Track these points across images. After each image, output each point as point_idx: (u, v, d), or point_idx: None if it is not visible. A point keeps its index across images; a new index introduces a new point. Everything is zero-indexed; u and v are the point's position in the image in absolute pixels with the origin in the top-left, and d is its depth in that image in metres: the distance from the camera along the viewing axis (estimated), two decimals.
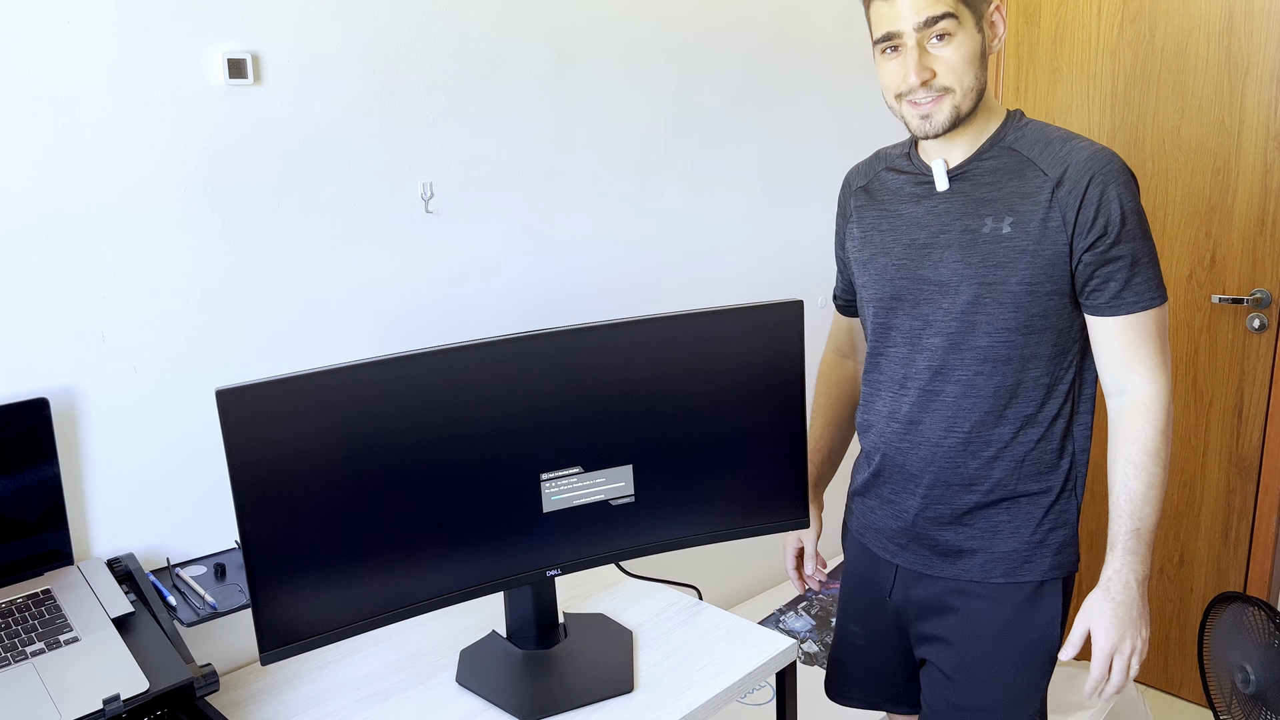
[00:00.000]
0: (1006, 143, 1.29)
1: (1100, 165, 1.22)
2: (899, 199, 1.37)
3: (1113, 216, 1.22)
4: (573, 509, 1.37)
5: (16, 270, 1.23)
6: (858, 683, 1.56)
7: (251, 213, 1.41)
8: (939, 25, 1.20)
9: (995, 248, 1.26)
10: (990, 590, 1.35)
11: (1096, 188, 1.22)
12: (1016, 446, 1.32)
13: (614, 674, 1.37)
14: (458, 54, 1.60)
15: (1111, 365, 1.27)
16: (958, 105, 1.24)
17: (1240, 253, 2.26)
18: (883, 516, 1.44)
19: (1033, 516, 1.33)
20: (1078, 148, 1.25)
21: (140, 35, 1.28)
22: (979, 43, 1.23)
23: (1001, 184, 1.27)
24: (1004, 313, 1.27)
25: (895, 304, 1.36)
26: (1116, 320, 1.25)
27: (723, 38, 2.02)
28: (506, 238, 1.72)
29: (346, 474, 1.22)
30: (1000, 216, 1.26)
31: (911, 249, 1.34)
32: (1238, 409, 2.32)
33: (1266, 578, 2.33)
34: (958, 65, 1.22)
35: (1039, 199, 1.25)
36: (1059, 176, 1.24)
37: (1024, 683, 1.36)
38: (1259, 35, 2.16)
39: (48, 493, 1.26)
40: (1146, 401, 1.26)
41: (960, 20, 1.21)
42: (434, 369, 1.25)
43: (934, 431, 1.34)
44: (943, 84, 1.23)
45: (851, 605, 1.54)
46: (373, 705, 1.33)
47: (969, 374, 1.31)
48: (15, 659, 1.13)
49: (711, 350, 1.39)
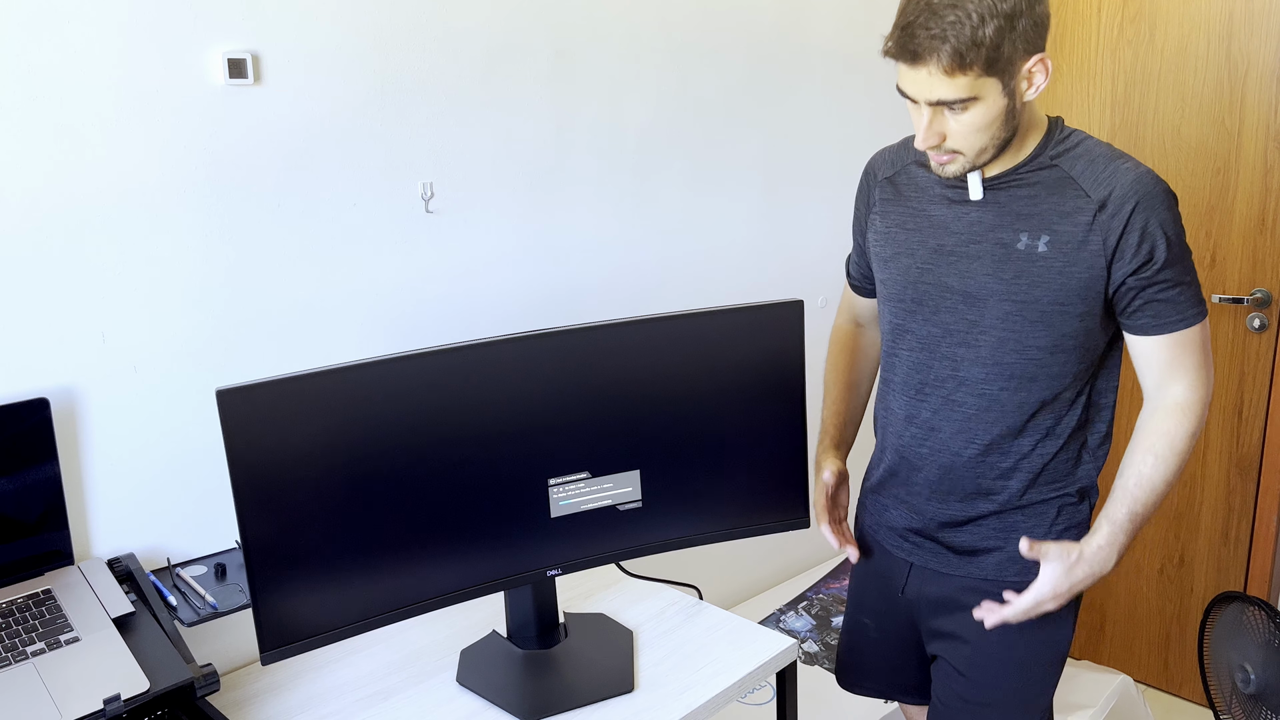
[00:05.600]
0: (1047, 157, 1.25)
1: (1145, 190, 1.19)
2: (927, 199, 1.33)
3: (1158, 244, 1.20)
4: (579, 514, 1.37)
5: (17, 270, 1.23)
6: (870, 673, 1.56)
7: (251, 213, 1.41)
8: (947, 104, 1.16)
9: (1030, 265, 1.24)
10: (1005, 588, 1.35)
11: (1141, 215, 1.19)
12: (1035, 458, 1.31)
13: (614, 674, 1.37)
14: (457, 54, 1.60)
15: (1153, 375, 1.27)
16: (969, 163, 1.22)
17: (1240, 253, 2.26)
18: (897, 515, 1.43)
19: (1047, 517, 1.34)
20: (1122, 169, 1.21)
21: (141, 35, 1.28)
22: (1004, 105, 1.17)
23: (1040, 200, 1.24)
24: (1035, 331, 1.25)
25: (916, 308, 1.34)
26: (1161, 339, 1.24)
27: (722, 37, 2.01)
28: (507, 237, 1.72)
29: (346, 474, 1.22)
30: (1036, 234, 1.24)
31: (938, 254, 1.31)
32: (1238, 409, 2.32)
33: (1266, 578, 2.33)
34: (970, 133, 1.18)
35: (1079, 220, 1.22)
36: (1102, 199, 1.20)
37: (1035, 680, 1.36)
38: (1259, 35, 2.16)
39: (48, 493, 1.26)
40: (1186, 405, 1.25)
41: (980, 98, 1.15)
42: (434, 369, 1.25)
43: (954, 441, 1.33)
44: (953, 147, 1.20)
45: (864, 599, 1.54)
46: (373, 705, 1.33)
47: (994, 389, 1.29)
48: (16, 659, 1.13)
49: (712, 350, 1.39)
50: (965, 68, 1.12)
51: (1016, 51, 1.13)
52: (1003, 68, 1.13)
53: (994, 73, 1.13)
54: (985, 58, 1.12)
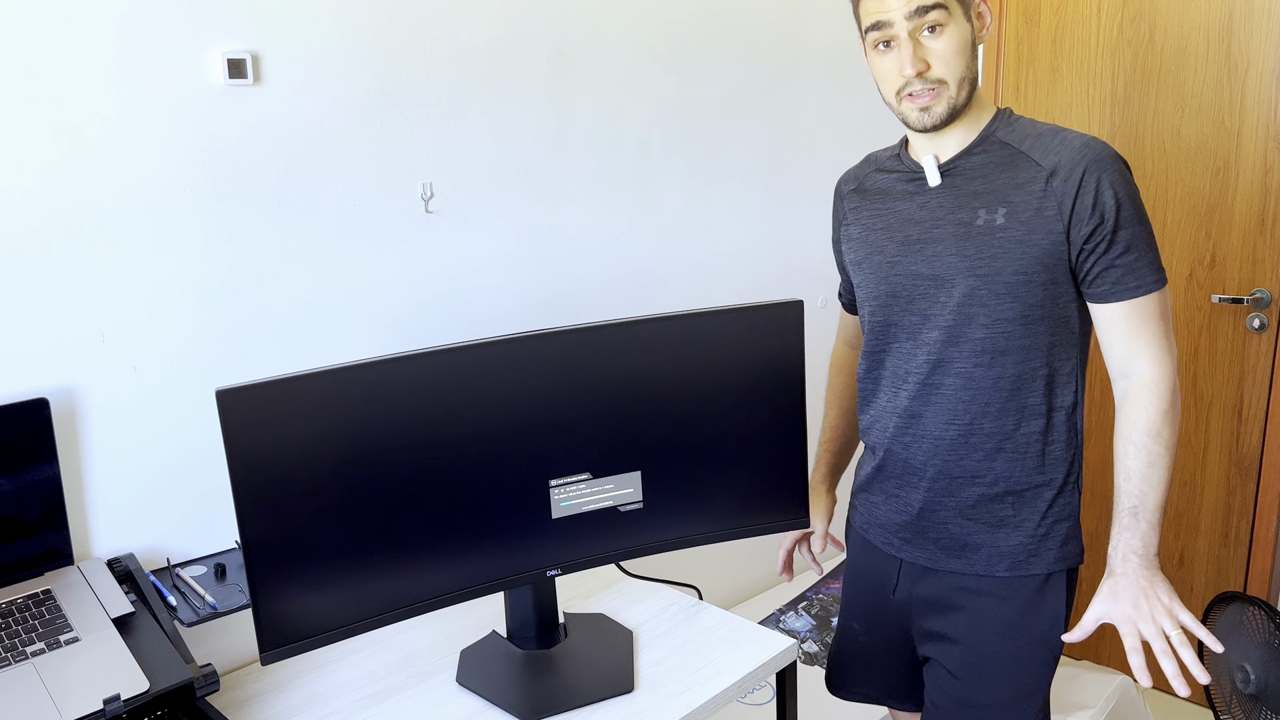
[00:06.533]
0: (997, 137, 1.30)
1: (1094, 155, 1.23)
2: (891, 197, 1.38)
3: (1108, 205, 1.23)
4: (580, 515, 1.37)
5: (17, 270, 1.23)
6: (858, 679, 1.56)
7: (251, 213, 1.41)
8: (930, 16, 1.21)
9: (989, 239, 1.27)
10: (996, 585, 1.35)
11: (1092, 176, 1.23)
12: (1019, 438, 1.32)
13: (614, 674, 1.37)
14: (458, 54, 1.60)
15: (1116, 350, 1.28)
16: (953, 97, 1.26)
17: (1240, 253, 2.26)
18: (887, 511, 1.44)
19: (1037, 510, 1.34)
20: (1069, 138, 1.26)
21: (140, 35, 1.28)
22: (969, 32, 1.25)
23: (993, 176, 1.28)
24: (1001, 304, 1.28)
25: (892, 300, 1.36)
26: (1119, 306, 1.26)
27: (723, 37, 2.01)
28: (506, 238, 1.72)
29: (346, 474, 1.22)
30: (994, 208, 1.27)
31: (905, 245, 1.34)
32: (1238, 409, 2.32)
33: (1266, 578, 2.33)
34: (950, 56, 1.23)
35: (1033, 189, 1.25)
36: (1053, 166, 1.25)
37: (1029, 678, 1.36)
38: (1259, 35, 2.16)
39: (48, 493, 1.26)
40: (1150, 383, 1.26)
41: (950, 10, 1.22)
42: (433, 369, 1.25)
43: (935, 424, 1.35)
44: (937, 75, 1.24)
45: (854, 602, 1.54)
46: (373, 705, 1.33)
47: (968, 366, 1.31)
48: (15, 659, 1.13)
49: (712, 350, 1.39)
50: None
51: None
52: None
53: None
54: None
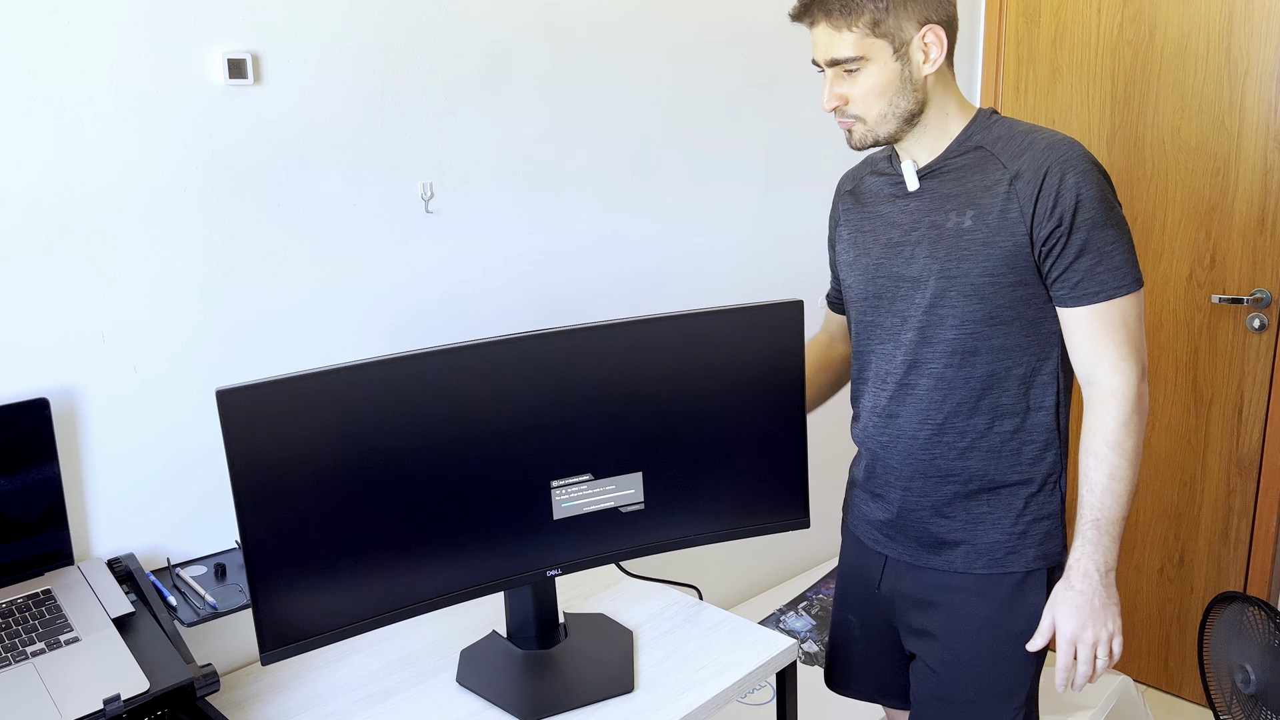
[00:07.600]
0: (974, 141, 1.31)
1: (1058, 155, 1.23)
2: (878, 200, 1.40)
3: (1068, 205, 1.22)
4: (581, 515, 1.37)
5: (17, 270, 1.23)
6: (855, 674, 1.58)
7: (251, 213, 1.41)
8: (843, 64, 1.25)
9: (958, 241, 1.28)
10: (974, 583, 1.36)
11: (1054, 177, 1.22)
12: (992, 437, 1.33)
13: (614, 674, 1.37)
14: (458, 54, 1.60)
15: (1079, 356, 1.28)
16: (871, 130, 1.29)
17: (1240, 253, 2.26)
18: (873, 509, 1.46)
19: (1014, 507, 1.35)
20: (1038, 139, 1.26)
21: (140, 35, 1.28)
22: (896, 71, 1.25)
23: (965, 179, 1.29)
24: (969, 304, 1.29)
25: (877, 302, 1.39)
26: (1080, 310, 1.26)
27: (723, 37, 2.01)
28: (507, 237, 1.72)
29: (346, 474, 1.22)
30: (963, 210, 1.28)
31: (888, 248, 1.36)
32: (1238, 409, 2.32)
33: (1266, 578, 2.33)
34: (865, 96, 1.27)
35: (998, 191, 1.26)
36: (1018, 168, 1.25)
37: (1008, 675, 1.36)
38: (1259, 35, 2.16)
39: (48, 493, 1.26)
40: (1109, 393, 1.26)
41: (869, 58, 1.24)
42: (434, 369, 1.25)
43: (909, 424, 1.37)
44: (853, 112, 1.29)
45: (847, 596, 1.56)
46: (373, 705, 1.33)
47: (939, 366, 1.32)
48: (15, 659, 1.13)
49: (712, 350, 1.40)
50: (851, 23, 1.23)
51: (906, 16, 1.23)
52: (890, 30, 1.23)
53: (881, 34, 1.23)
54: (870, 18, 1.22)
